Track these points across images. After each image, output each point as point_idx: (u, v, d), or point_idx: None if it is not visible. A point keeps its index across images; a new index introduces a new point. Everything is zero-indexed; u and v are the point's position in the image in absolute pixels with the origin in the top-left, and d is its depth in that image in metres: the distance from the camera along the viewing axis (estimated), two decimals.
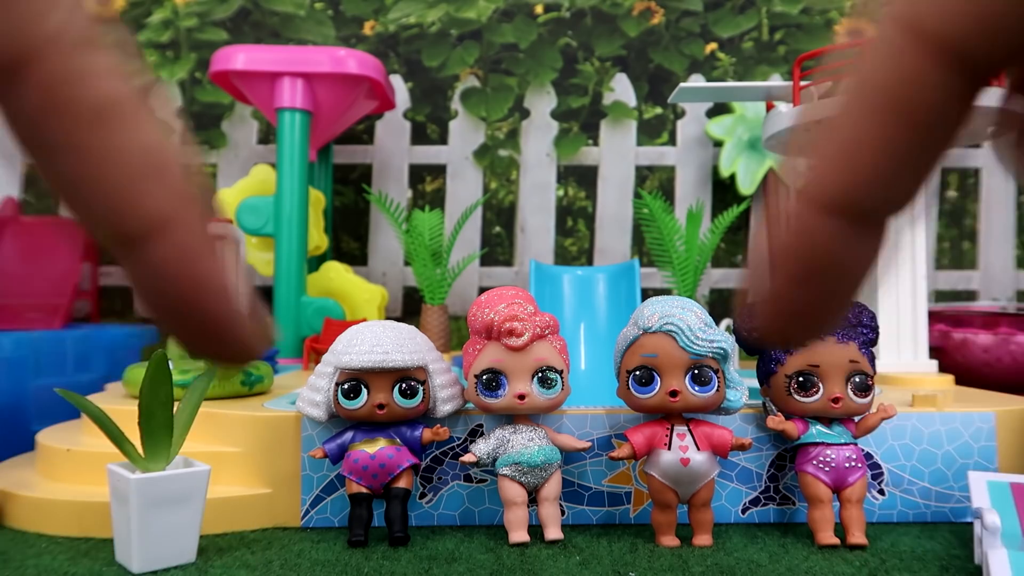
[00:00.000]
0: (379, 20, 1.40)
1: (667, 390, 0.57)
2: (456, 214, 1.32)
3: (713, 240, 1.14)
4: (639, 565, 0.55)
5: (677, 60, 1.40)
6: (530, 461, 0.59)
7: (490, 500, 0.65)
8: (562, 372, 0.60)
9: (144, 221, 0.17)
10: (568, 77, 1.40)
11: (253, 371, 0.73)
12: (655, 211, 1.12)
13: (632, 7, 1.40)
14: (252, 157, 1.38)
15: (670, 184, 1.40)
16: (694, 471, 0.58)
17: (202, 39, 1.39)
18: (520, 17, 1.40)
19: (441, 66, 1.40)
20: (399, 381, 0.59)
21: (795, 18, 1.40)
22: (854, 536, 0.59)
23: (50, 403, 0.85)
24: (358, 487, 0.59)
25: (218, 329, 0.18)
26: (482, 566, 0.55)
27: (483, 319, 0.58)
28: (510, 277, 1.39)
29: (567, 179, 1.40)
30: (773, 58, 1.40)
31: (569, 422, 0.64)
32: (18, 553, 0.57)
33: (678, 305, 0.58)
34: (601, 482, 0.65)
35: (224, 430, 0.65)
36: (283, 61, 1.07)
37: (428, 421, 0.62)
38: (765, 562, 0.56)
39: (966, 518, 0.66)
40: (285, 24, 1.39)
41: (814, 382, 0.60)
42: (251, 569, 0.54)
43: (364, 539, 0.58)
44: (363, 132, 1.40)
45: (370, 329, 0.60)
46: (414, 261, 1.18)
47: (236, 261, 0.74)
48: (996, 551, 0.51)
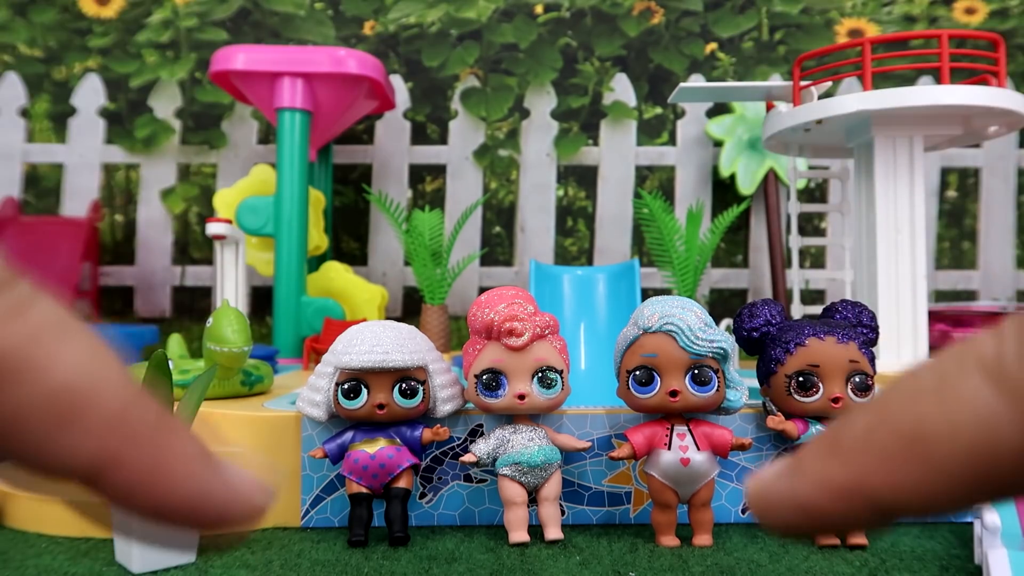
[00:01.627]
0: (379, 20, 1.40)
1: (667, 390, 0.57)
2: (456, 214, 1.32)
3: (713, 240, 1.14)
4: (639, 565, 0.55)
5: (677, 60, 1.40)
6: (530, 461, 0.59)
7: (490, 500, 0.65)
8: (562, 372, 0.60)
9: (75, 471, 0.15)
10: (568, 77, 1.40)
11: (253, 371, 0.74)
12: (655, 211, 1.12)
13: (632, 7, 1.40)
14: (252, 157, 1.38)
15: (670, 184, 1.40)
16: (694, 471, 0.58)
17: (202, 39, 1.39)
18: (520, 17, 1.40)
19: (441, 66, 1.40)
20: (399, 381, 0.59)
21: (795, 18, 1.40)
22: (854, 536, 0.59)
23: None
24: (358, 487, 0.59)
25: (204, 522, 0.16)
26: (482, 566, 0.55)
27: (483, 319, 0.58)
28: (510, 277, 1.39)
29: (567, 179, 1.40)
30: (773, 58, 1.40)
31: (569, 422, 0.64)
32: (18, 553, 0.57)
33: (678, 305, 0.58)
34: (601, 482, 0.65)
35: (224, 430, 0.65)
36: (283, 61, 1.07)
37: (428, 421, 0.62)
38: (765, 562, 0.56)
39: (966, 518, 0.66)
40: (285, 24, 1.39)
41: (814, 382, 0.60)
42: (251, 569, 0.54)
43: (364, 539, 0.58)
44: (363, 132, 1.40)
45: (370, 329, 0.60)
46: (414, 261, 1.18)
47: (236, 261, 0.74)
48: (996, 551, 0.51)
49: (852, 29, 1.41)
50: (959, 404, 0.15)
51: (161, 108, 1.39)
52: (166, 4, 1.39)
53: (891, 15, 1.41)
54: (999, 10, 1.40)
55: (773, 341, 0.62)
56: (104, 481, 0.15)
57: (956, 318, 1.03)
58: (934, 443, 0.15)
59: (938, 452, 0.15)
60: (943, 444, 0.15)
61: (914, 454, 0.15)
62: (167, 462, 0.15)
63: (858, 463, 0.16)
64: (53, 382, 0.14)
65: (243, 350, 0.66)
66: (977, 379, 0.15)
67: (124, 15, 1.39)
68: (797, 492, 0.17)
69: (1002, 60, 0.91)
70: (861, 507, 0.16)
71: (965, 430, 0.15)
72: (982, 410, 0.15)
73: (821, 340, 0.60)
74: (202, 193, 1.38)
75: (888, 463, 0.16)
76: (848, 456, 0.16)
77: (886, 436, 0.16)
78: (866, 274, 0.94)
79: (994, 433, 0.14)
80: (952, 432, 0.15)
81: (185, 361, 0.74)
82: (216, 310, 0.67)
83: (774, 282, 1.29)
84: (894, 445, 0.16)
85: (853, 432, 0.16)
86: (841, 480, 0.16)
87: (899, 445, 0.16)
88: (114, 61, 1.39)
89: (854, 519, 0.16)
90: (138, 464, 0.15)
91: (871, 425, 0.16)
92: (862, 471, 0.16)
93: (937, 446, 0.15)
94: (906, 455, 0.15)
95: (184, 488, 0.16)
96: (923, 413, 0.15)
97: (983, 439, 0.15)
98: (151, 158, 1.38)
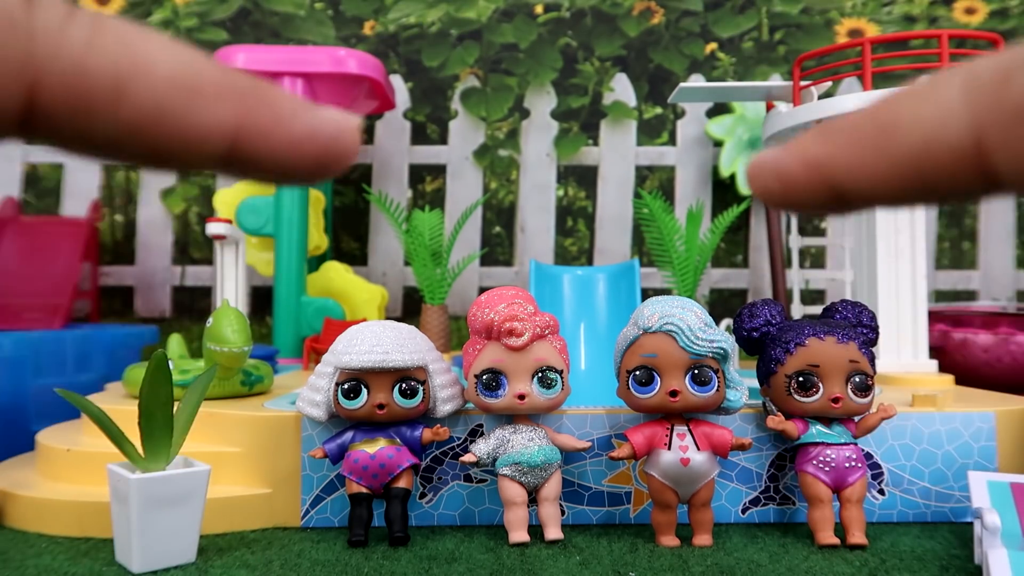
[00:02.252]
0: (379, 20, 1.40)
1: (667, 390, 0.57)
2: (456, 214, 1.32)
3: (713, 240, 1.14)
4: (639, 565, 0.55)
5: (677, 60, 1.40)
6: (530, 461, 0.59)
7: (490, 500, 0.65)
8: (562, 372, 0.60)
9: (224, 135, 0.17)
10: (568, 77, 1.40)
11: (253, 371, 0.74)
12: (655, 211, 1.12)
13: (632, 7, 1.40)
14: None
15: (670, 184, 1.40)
16: (694, 471, 0.58)
17: (202, 39, 1.39)
18: (520, 17, 1.40)
19: (441, 66, 1.40)
20: (399, 381, 0.59)
21: (795, 18, 1.40)
22: (854, 536, 0.59)
23: (50, 403, 0.85)
24: (358, 487, 0.59)
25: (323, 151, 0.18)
26: (482, 566, 0.55)
27: (483, 319, 0.58)
28: (510, 277, 1.39)
29: (567, 179, 1.40)
30: (773, 58, 1.40)
31: (569, 422, 0.64)
32: (18, 553, 0.57)
33: (678, 305, 0.58)
34: (601, 482, 0.65)
35: (224, 430, 0.65)
36: (283, 61, 1.07)
37: (428, 421, 0.62)
38: (765, 562, 0.56)
39: (966, 518, 0.66)
40: (285, 24, 1.39)
41: (814, 382, 0.60)
42: (251, 569, 0.54)
43: (364, 539, 0.58)
44: (363, 132, 1.40)
45: (370, 329, 0.60)
46: (414, 261, 1.18)
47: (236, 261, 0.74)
48: (996, 551, 0.51)
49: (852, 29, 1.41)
50: (929, 102, 0.16)
51: None
52: (166, 4, 1.39)
53: (891, 15, 1.41)
54: (999, 10, 1.40)
55: (773, 341, 0.62)
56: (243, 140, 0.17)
57: (956, 318, 1.03)
58: (896, 133, 0.17)
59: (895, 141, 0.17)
60: (902, 135, 0.17)
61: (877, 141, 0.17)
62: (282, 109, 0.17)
63: (833, 143, 0.18)
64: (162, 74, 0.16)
65: (243, 350, 0.66)
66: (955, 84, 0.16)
67: (124, 15, 1.39)
68: (780, 160, 0.19)
69: None
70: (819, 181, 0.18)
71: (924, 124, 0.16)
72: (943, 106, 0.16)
73: (821, 340, 0.60)
74: (202, 193, 1.38)
75: (854, 146, 0.17)
76: (829, 136, 0.18)
77: (865, 124, 0.17)
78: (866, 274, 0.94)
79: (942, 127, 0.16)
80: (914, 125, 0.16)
81: (185, 361, 0.74)
82: (216, 310, 0.67)
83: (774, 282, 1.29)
84: (867, 133, 0.17)
85: (844, 121, 0.18)
86: (813, 153, 0.18)
87: (871, 133, 0.17)
88: None
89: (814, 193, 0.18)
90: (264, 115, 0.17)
91: (860, 117, 0.18)
92: (833, 150, 0.18)
93: (897, 136, 0.17)
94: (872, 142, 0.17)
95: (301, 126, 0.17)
96: (901, 108, 0.17)
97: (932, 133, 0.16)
98: None
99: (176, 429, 0.56)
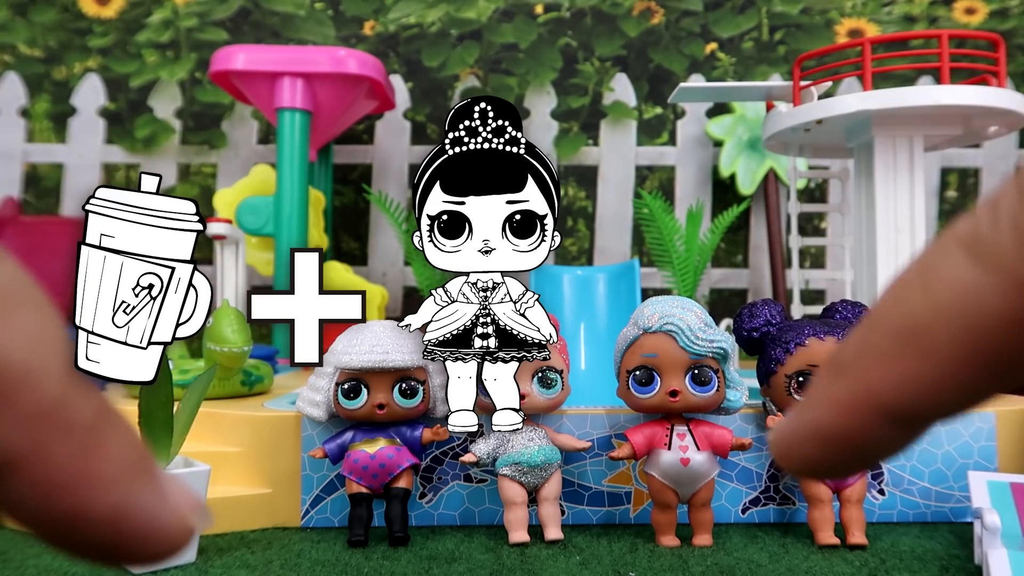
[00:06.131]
0: (379, 20, 1.40)
1: (667, 390, 0.57)
2: None
3: (713, 240, 1.14)
4: (639, 565, 0.55)
5: (677, 60, 1.40)
6: (530, 461, 0.59)
7: (490, 500, 0.65)
8: (562, 372, 0.60)
9: None
10: (568, 77, 1.40)
11: (253, 371, 0.73)
12: (655, 211, 1.12)
13: (632, 7, 1.40)
14: (252, 157, 1.38)
15: (670, 184, 1.40)
16: (694, 471, 0.58)
17: (202, 39, 1.39)
18: (520, 17, 1.40)
19: (441, 66, 1.40)
20: (399, 381, 0.59)
21: (795, 18, 1.40)
22: (854, 536, 0.59)
23: None
24: (358, 487, 0.59)
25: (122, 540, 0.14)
26: (482, 566, 0.55)
27: None
28: None
29: (567, 179, 1.40)
30: (773, 58, 1.40)
31: (569, 422, 0.64)
32: (18, 553, 0.57)
33: (678, 305, 0.58)
34: (601, 482, 0.65)
35: (224, 430, 0.65)
36: (283, 61, 1.07)
37: (428, 421, 0.62)
38: (765, 562, 0.56)
39: (966, 518, 0.66)
40: (285, 24, 1.39)
41: None
42: (251, 569, 0.54)
43: (364, 539, 0.58)
44: (363, 132, 1.40)
45: (370, 329, 0.60)
46: (414, 261, 1.18)
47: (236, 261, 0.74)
48: (996, 551, 0.51)
49: (852, 29, 1.41)
50: (942, 286, 0.14)
51: (161, 108, 1.39)
52: (166, 4, 1.39)
53: (891, 15, 1.41)
54: (999, 10, 1.40)
55: (773, 341, 0.62)
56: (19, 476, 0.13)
57: None
58: (925, 332, 0.15)
59: (931, 339, 0.14)
60: (934, 330, 0.14)
61: (909, 348, 0.15)
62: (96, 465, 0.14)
63: (858, 373, 0.15)
64: None
65: (243, 350, 0.66)
66: (956, 257, 0.14)
67: (124, 15, 1.39)
68: (811, 422, 0.16)
69: (1002, 60, 0.91)
70: (872, 417, 0.15)
71: (952, 310, 0.14)
72: (963, 284, 0.14)
73: (821, 340, 0.60)
74: (202, 193, 1.38)
75: (886, 364, 0.15)
76: (848, 370, 0.16)
77: (880, 339, 0.15)
78: (866, 274, 0.94)
79: (979, 304, 0.14)
80: (939, 315, 0.14)
81: (185, 361, 0.74)
82: (216, 310, 0.67)
83: (774, 282, 1.29)
84: (889, 346, 0.15)
85: (850, 347, 0.16)
86: (846, 394, 0.16)
87: (894, 344, 0.15)
88: (114, 61, 1.39)
89: (873, 435, 0.16)
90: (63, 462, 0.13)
91: (865, 334, 0.16)
92: (864, 380, 0.15)
93: (929, 333, 0.14)
94: (902, 351, 0.15)
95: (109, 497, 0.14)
96: (911, 306, 0.15)
97: (970, 313, 0.14)
98: (151, 158, 1.38)
99: (176, 429, 0.56)
